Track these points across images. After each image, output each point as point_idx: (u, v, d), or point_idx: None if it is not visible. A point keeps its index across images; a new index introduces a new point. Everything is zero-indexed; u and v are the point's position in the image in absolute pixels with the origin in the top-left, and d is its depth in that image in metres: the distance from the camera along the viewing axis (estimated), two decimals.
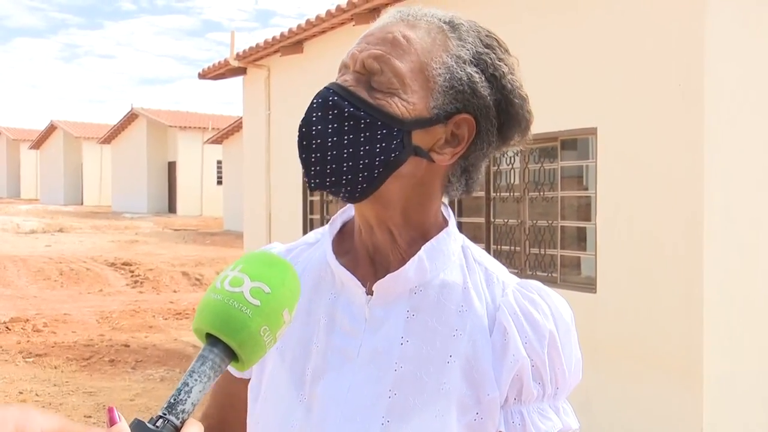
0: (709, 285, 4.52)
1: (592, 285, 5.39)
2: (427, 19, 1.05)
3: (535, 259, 6.02)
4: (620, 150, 5.15)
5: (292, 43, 8.95)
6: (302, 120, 1.02)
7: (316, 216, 9.07)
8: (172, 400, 0.79)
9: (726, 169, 4.59)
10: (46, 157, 42.13)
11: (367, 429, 1.01)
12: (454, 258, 1.08)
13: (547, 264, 5.91)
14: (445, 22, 1.06)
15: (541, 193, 5.96)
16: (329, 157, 1.00)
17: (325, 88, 1.03)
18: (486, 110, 1.04)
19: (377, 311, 1.05)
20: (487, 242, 6.39)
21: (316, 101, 1.02)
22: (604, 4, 5.34)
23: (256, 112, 10.30)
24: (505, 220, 6.31)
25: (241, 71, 10.48)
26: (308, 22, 8.29)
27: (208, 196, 32.60)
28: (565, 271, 5.85)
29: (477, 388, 1.01)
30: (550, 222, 5.89)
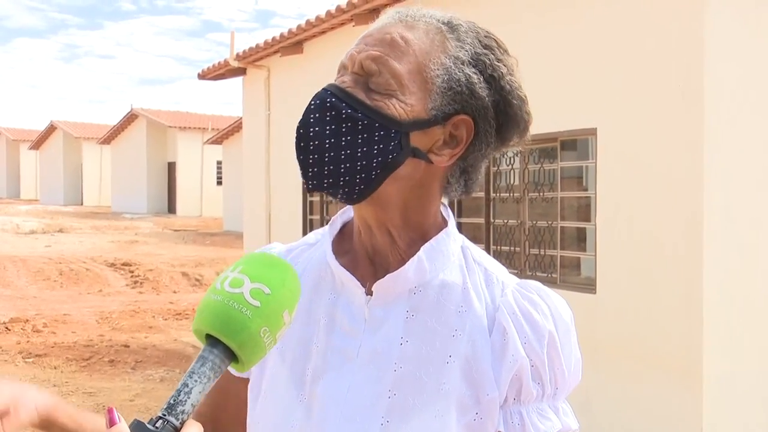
0: (708, 285, 4.52)
1: (591, 285, 5.39)
2: (425, 20, 1.05)
3: (534, 259, 6.02)
4: (620, 150, 5.15)
5: (292, 43, 8.95)
6: (300, 122, 1.02)
7: (316, 216, 9.07)
8: (171, 401, 0.79)
9: (726, 169, 4.59)
10: (46, 157, 42.13)
11: (366, 429, 1.01)
12: (453, 258, 1.08)
13: (546, 264, 5.91)
14: (443, 23, 1.05)
15: (541, 194, 5.95)
16: (327, 159, 1.00)
17: (323, 89, 1.03)
18: (484, 111, 1.03)
19: (377, 311, 1.05)
20: (487, 243, 6.39)
21: (313, 103, 1.02)
22: (603, 4, 5.34)
23: (255, 113, 10.30)
24: (505, 221, 6.31)
25: (240, 72, 10.48)
26: (308, 22, 8.29)
27: (207, 196, 32.60)
28: (564, 271, 5.85)
29: (476, 388, 1.01)
30: (549, 222, 5.89)
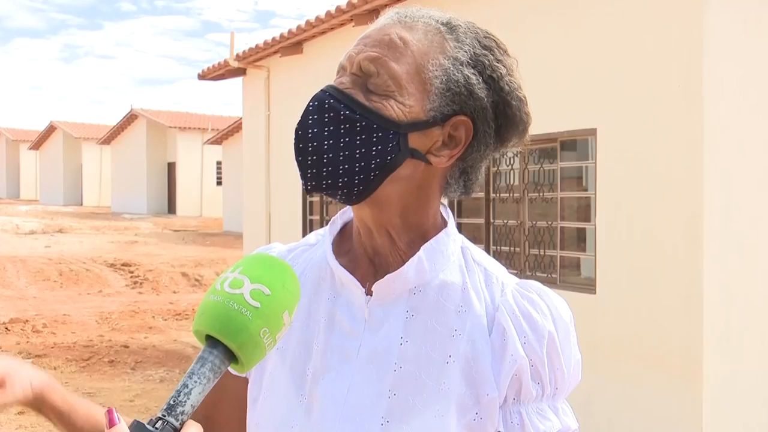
0: (709, 285, 4.52)
1: (591, 286, 5.39)
2: (424, 20, 1.05)
3: (534, 259, 6.02)
4: (620, 150, 5.15)
5: (292, 43, 8.95)
6: (298, 123, 1.02)
7: (316, 217, 9.07)
8: (171, 402, 0.79)
9: (726, 169, 4.59)
10: (46, 157, 42.13)
11: (366, 429, 1.01)
12: (453, 258, 1.08)
13: (546, 265, 5.91)
14: (442, 23, 1.05)
15: (541, 194, 5.96)
16: (325, 160, 1.00)
17: (321, 90, 1.03)
18: (483, 112, 1.03)
19: (377, 311, 1.05)
20: (487, 243, 6.39)
21: (312, 104, 1.02)
22: (604, 5, 5.34)
23: (255, 113, 10.30)
24: (505, 221, 6.31)
25: (240, 72, 10.48)
26: (308, 23, 8.30)
27: (207, 196, 32.59)
28: (564, 271, 5.85)
29: (476, 388, 1.01)
30: (549, 223, 5.89)
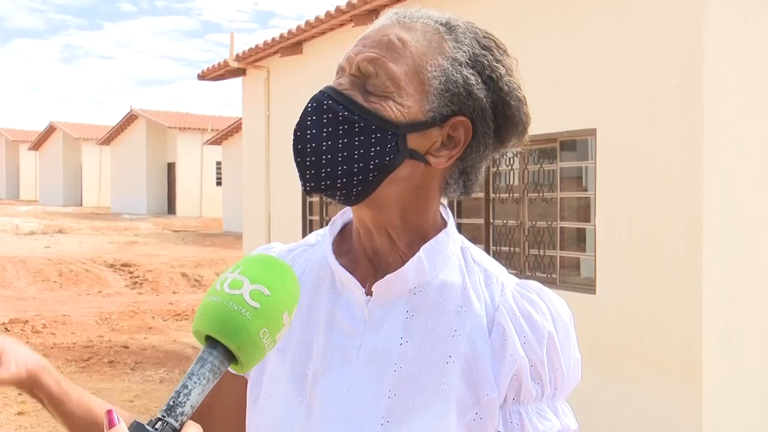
0: (708, 285, 4.52)
1: (591, 286, 5.39)
2: (423, 21, 1.05)
3: (534, 260, 6.02)
4: (620, 151, 5.15)
5: (292, 44, 8.95)
6: (297, 124, 1.02)
7: (316, 217, 9.07)
8: (171, 403, 0.79)
9: (726, 169, 4.59)
10: (46, 158, 42.12)
11: (366, 429, 1.01)
12: (453, 259, 1.08)
13: (546, 265, 5.91)
14: (441, 23, 1.05)
15: (541, 194, 5.96)
16: (324, 161, 1.00)
17: (320, 92, 1.03)
18: (482, 112, 1.03)
19: (377, 312, 1.05)
20: (487, 243, 6.39)
21: (310, 105, 1.02)
22: (603, 5, 5.34)
23: (255, 113, 10.30)
24: (505, 221, 6.31)
25: (240, 72, 10.48)
26: (307, 23, 8.30)
27: (207, 197, 32.60)
28: (564, 272, 5.85)
29: (476, 388, 1.01)
30: (549, 223, 5.89)
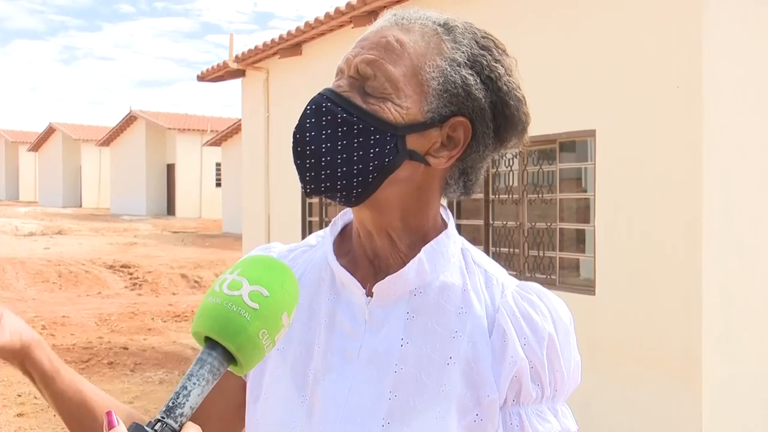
0: (708, 286, 4.52)
1: (591, 287, 5.39)
2: (421, 22, 1.05)
3: (534, 261, 6.02)
4: (619, 152, 5.15)
5: (291, 45, 8.95)
6: (296, 126, 1.02)
7: (315, 218, 9.07)
8: (170, 404, 0.79)
9: (725, 170, 4.59)
10: (45, 159, 42.12)
11: (367, 430, 1.01)
12: (453, 260, 1.08)
13: (546, 266, 5.91)
14: (439, 24, 1.05)
15: (540, 195, 5.96)
16: (323, 163, 1.00)
17: (319, 94, 1.03)
18: (481, 113, 1.03)
19: (377, 312, 1.05)
20: (486, 244, 6.39)
21: (309, 108, 1.02)
22: (603, 6, 5.34)
23: (255, 114, 10.30)
24: (504, 223, 6.31)
25: (240, 73, 10.48)
26: (307, 24, 8.30)
27: (206, 198, 32.60)
28: (564, 273, 5.85)
29: (477, 389, 1.01)
30: (549, 224, 5.89)
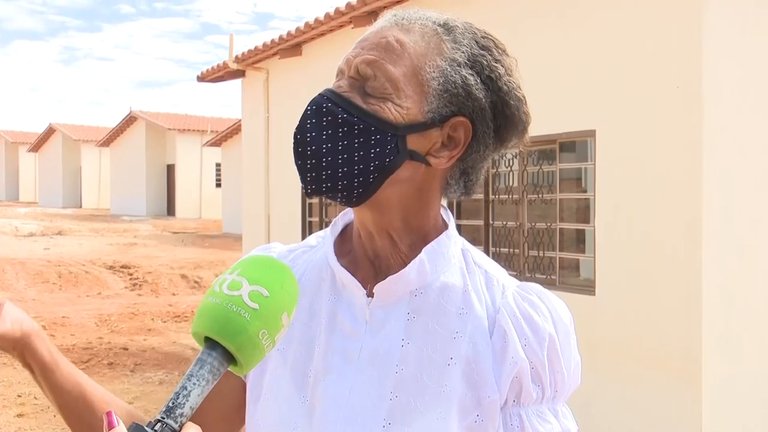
0: (708, 286, 4.52)
1: (591, 287, 5.39)
2: (421, 22, 1.05)
3: (534, 261, 6.02)
4: (619, 152, 5.15)
5: (291, 45, 8.95)
6: (297, 127, 1.02)
7: (315, 219, 9.07)
8: (170, 404, 0.79)
9: (725, 170, 4.59)
10: (45, 160, 42.12)
11: (368, 431, 1.01)
12: (454, 260, 1.08)
13: (546, 266, 5.91)
14: (439, 24, 1.05)
15: (540, 196, 5.96)
16: (324, 163, 1.00)
17: (319, 94, 1.03)
18: (482, 113, 1.03)
19: (378, 313, 1.05)
20: (486, 245, 6.39)
21: (310, 108, 1.02)
22: (603, 7, 5.34)
23: (255, 115, 10.30)
24: (504, 223, 6.31)
25: (239, 74, 10.48)
26: (307, 25, 8.30)
27: (206, 198, 32.60)
28: (564, 273, 5.85)
29: (477, 390, 1.01)
30: (548, 224, 5.89)
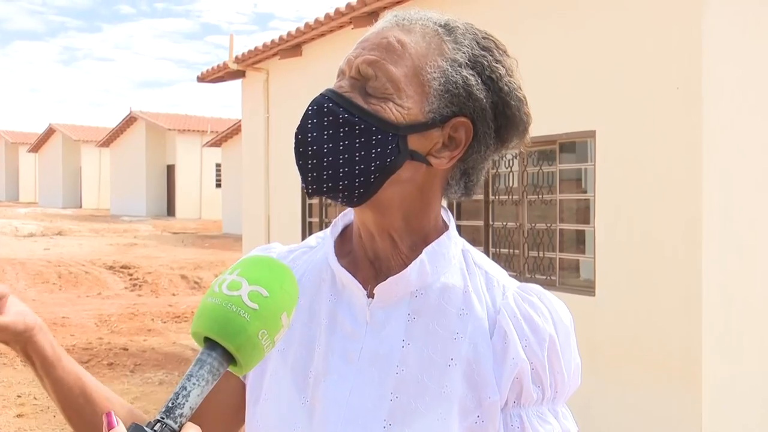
0: (708, 287, 4.52)
1: (591, 288, 5.39)
2: (422, 22, 1.05)
3: (534, 262, 6.02)
4: (619, 153, 5.15)
5: (291, 46, 8.95)
6: (298, 127, 1.02)
7: (315, 219, 9.07)
8: (170, 404, 0.79)
9: (725, 171, 4.59)
10: (45, 160, 42.12)
11: None
12: (454, 261, 1.08)
13: (545, 267, 5.91)
14: (440, 25, 1.05)
15: (540, 196, 5.95)
16: (325, 163, 1.00)
17: (320, 95, 1.03)
18: (483, 113, 1.03)
19: (378, 314, 1.05)
20: (486, 245, 6.39)
21: (311, 108, 1.02)
22: (603, 8, 5.34)
23: (255, 115, 10.30)
24: (504, 223, 6.31)
25: (240, 74, 10.48)
26: (307, 25, 8.30)
27: (206, 199, 32.60)
28: (564, 274, 5.85)
29: (478, 391, 1.01)
30: (548, 225, 5.89)
